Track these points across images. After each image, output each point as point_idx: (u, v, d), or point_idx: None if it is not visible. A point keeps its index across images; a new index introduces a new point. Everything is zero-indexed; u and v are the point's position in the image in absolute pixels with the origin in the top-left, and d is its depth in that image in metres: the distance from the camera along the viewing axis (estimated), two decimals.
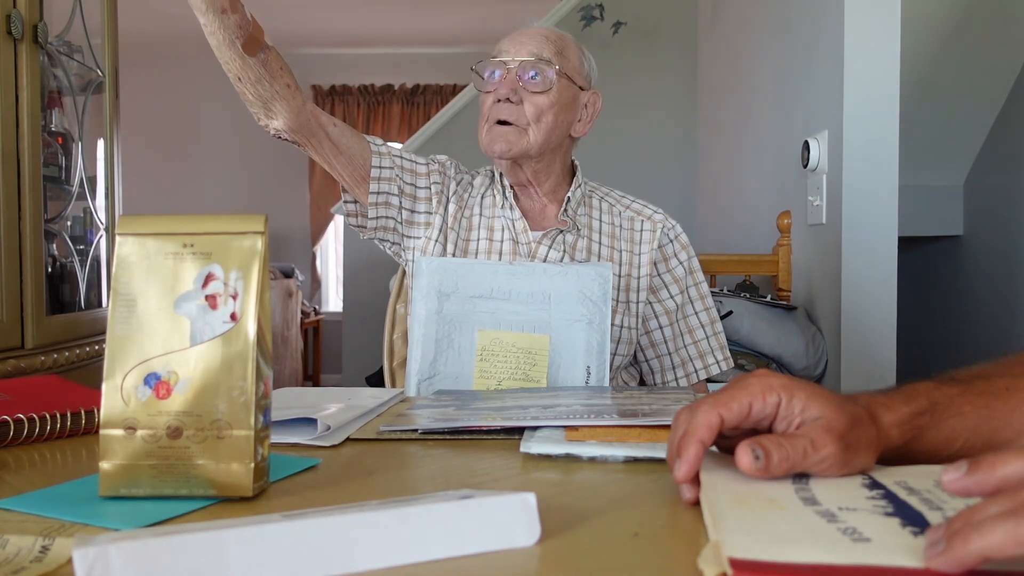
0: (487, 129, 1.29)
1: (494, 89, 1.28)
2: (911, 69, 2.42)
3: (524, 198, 1.36)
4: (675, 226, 1.38)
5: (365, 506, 0.46)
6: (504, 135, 1.27)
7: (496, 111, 1.28)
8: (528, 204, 1.36)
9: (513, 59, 1.28)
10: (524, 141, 1.28)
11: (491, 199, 1.36)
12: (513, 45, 1.30)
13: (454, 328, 1.16)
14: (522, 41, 1.30)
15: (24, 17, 1.71)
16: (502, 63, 1.29)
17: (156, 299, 0.57)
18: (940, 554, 0.37)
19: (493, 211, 1.35)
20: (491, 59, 1.30)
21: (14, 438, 0.75)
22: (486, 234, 1.33)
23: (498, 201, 1.35)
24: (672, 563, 0.44)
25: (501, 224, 1.34)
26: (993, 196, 2.85)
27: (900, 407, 0.57)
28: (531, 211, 1.36)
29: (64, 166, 2.03)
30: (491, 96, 1.29)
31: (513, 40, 1.31)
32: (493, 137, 1.28)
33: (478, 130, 1.32)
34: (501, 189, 1.34)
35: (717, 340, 1.38)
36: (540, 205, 1.36)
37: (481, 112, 1.31)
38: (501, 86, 1.27)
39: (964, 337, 3.03)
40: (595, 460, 0.67)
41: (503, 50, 1.30)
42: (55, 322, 1.86)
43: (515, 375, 1.14)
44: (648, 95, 3.67)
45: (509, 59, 1.28)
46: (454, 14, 5.36)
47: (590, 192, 1.39)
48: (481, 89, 1.31)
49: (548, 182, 1.35)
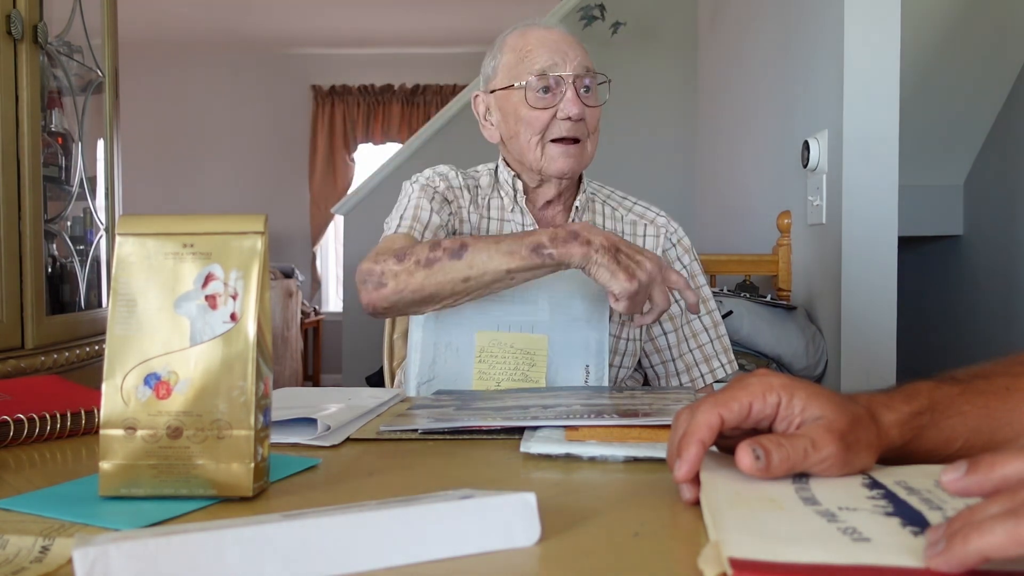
0: (544, 147, 1.22)
1: (553, 105, 1.21)
2: (911, 69, 2.42)
3: (539, 206, 1.31)
4: (677, 229, 1.36)
5: (365, 506, 0.46)
6: (573, 154, 1.22)
7: (560, 129, 1.21)
8: (540, 213, 1.31)
9: (568, 72, 1.21)
10: (585, 158, 1.25)
11: (498, 202, 1.31)
12: (558, 55, 1.22)
13: (452, 330, 1.16)
14: (564, 52, 1.22)
15: (24, 17, 1.71)
16: (559, 77, 1.21)
17: (156, 299, 0.57)
18: (940, 554, 0.37)
19: (501, 214, 1.30)
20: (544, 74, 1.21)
21: (14, 438, 0.75)
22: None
23: (506, 205, 1.30)
24: (672, 563, 0.44)
25: (511, 228, 1.29)
26: (993, 196, 2.85)
27: (900, 407, 0.57)
28: (542, 219, 1.32)
29: (64, 166, 2.03)
30: (546, 113, 1.21)
31: (554, 50, 1.23)
32: (556, 156, 1.22)
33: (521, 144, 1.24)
34: (512, 193, 1.29)
35: (721, 343, 1.35)
36: (553, 213, 1.32)
37: (530, 127, 1.22)
38: (572, 105, 1.19)
39: (964, 337, 3.03)
40: (595, 460, 0.67)
41: (553, 62, 1.21)
42: (55, 322, 1.86)
43: (514, 376, 1.14)
44: (648, 95, 3.67)
45: (566, 73, 1.21)
46: (454, 14, 5.36)
47: (592, 195, 1.36)
48: (535, 105, 1.21)
49: (570, 193, 1.32)
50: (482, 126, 1.33)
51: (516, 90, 1.23)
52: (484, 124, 1.32)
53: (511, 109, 1.24)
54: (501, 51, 1.28)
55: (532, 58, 1.22)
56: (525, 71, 1.22)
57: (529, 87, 1.21)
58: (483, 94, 1.32)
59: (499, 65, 1.28)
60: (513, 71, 1.24)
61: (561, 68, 1.21)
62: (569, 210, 1.32)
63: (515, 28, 1.30)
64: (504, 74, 1.26)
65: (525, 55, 1.23)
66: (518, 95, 1.23)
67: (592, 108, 1.23)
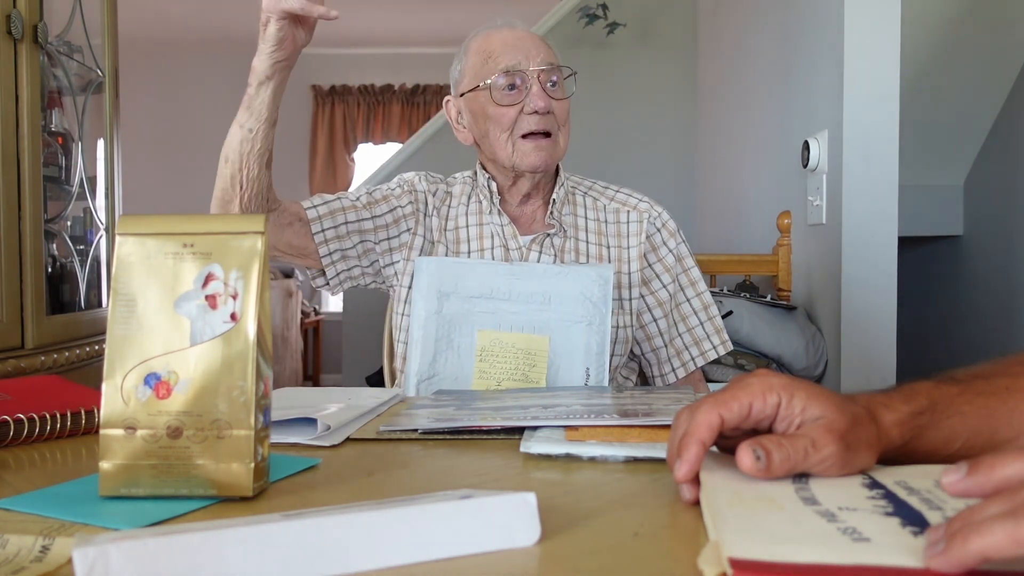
0: (515, 143, 1.25)
1: (520, 101, 1.24)
2: (911, 69, 2.42)
3: (516, 203, 1.33)
4: (661, 213, 1.36)
5: (365, 506, 0.46)
6: (545, 148, 1.25)
7: (529, 123, 1.24)
8: (519, 210, 1.33)
9: (532, 68, 1.24)
10: (557, 151, 1.27)
11: (476, 205, 1.33)
12: (520, 54, 1.25)
13: (454, 328, 1.16)
14: (527, 49, 1.25)
15: (24, 17, 1.71)
16: (523, 73, 1.24)
17: (156, 299, 0.57)
18: (940, 554, 0.37)
19: (480, 218, 1.32)
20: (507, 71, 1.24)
21: (14, 438, 0.75)
22: (476, 244, 1.31)
23: (485, 207, 1.32)
24: (672, 563, 0.44)
25: (490, 231, 1.31)
26: (993, 196, 2.85)
27: (900, 407, 0.57)
28: (521, 216, 1.33)
29: (64, 166, 2.03)
30: (513, 109, 1.24)
31: (517, 48, 1.26)
32: (529, 151, 1.25)
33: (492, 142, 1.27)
34: (488, 195, 1.31)
35: (712, 325, 1.35)
36: (532, 209, 1.33)
37: (499, 124, 1.25)
38: (538, 99, 1.22)
39: (964, 337, 3.03)
40: (595, 460, 0.67)
41: (516, 60, 1.24)
42: (55, 322, 1.86)
43: (514, 376, 1.14)
44: (648, 95, 3.67)
45: (530, 68, 1.24)
46: (454, 14, 5.36)
47: (572, 188, 1.37)
48: (500, 103, 1.24)
49: (547, 187, 1.34)
50: (455, 130, 1.36)
51: (483, 90, 1.26)
52: (456, 128, 1.36)
53: (479, 109, 1.28)
54: (466, 55, 1.32)
55: (496, 58, 1.26)
56: (490, 71, 1.25)
57: (495, 86, 1.25)
58: (453, 99, 1.35)
59: (465, 68, 1.31)
60: (479, 72, 1.28)
61: (525, 65, 1.25)
62: (548, 204, 1.33)
63: (478, 32, 1.33)
64: (470, 76, 1.30)
65: (489, 56, 1.27)
66: (484, 95, 1.26)
67: (559, 101, 1.26)
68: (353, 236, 1.29)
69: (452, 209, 1.34)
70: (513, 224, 1.31)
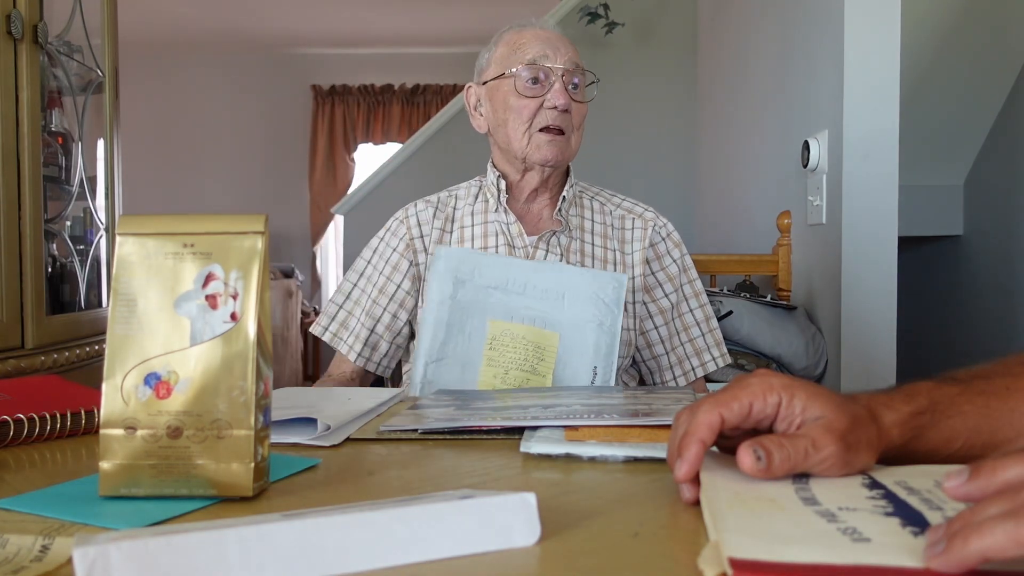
0: (531, 135, 1.27)
1: (541, 95, 1.26)
2: (911, 69, 2.42)
3: (524, 202, 1.34)
4: (666, 224, 1.38)
5: (365, 506, 0.46)
6: (558, 144, 1.27)
7: (547, 118, 1.26)
8: (525, 208, 1.34)
9: (558, 65, 1.26)
10: (569, 150, 1.29)
11: (483, 204, 1.34)
12: (550, 49, 1.27)
13: (466, 315, 1.16)
14: (556, 46, 1.27)
15: (24, 17, 1.71)
16: (549, 69, 1.26)
17: (156, 299, 0.57)
18: (940, 554, 0.37)
19: (486, 216, 1.33)
20: (534, 64, 1.26)
21: (14, 438, 0.75)
22: (480, 243, 1.31)
23: (491, 205, 1.33)
24: (672, 563, 0.44)
25: (495, 229, 1.32)
26: (993, 196, 2.85)
27: (900, 407, 0.57)
28: (527, 214, 1.34)
29: (64, 166, 2.03)
30: (534, 102, 1.26)
31: (546, 43, 1.28)
32: (542, 144, 1.27)
33: (508, 132, 1.28)
34: (496, 192, 1.32)
35: (713, 337, 1.37)
36: (539, 207, 1.35)
37: (519, 115, 1.27)
38: (559, 95, 1.25)
39: (964, 337, 3.03)
40: (595, 460, 0.67)
41: (543, 54, 1.26)
42: (55, 322, 1.86)
43: (522, 366, 1.14)
44: (648, 95, 3.67)
45: (556, 65, 1.26)
46: (454, 14, 5.35)
47: (581, 192, 1.38)
48: (523, 94, 1.26)
49: (556, 186, 1.35)
50: (472, 116, 1.38)
51: (506, 79, 1.28)
52: (473, 115, 1.38)
53: (500, 98, 1.30)
54: (496, 44, 1.34)
55: (524, 49, 1.28)
56: (516, 61, 1.28)
57: (519, 76, 1.27)
58: (475, 86, 1.37)
59: (492, 57, 1.34)
60: (505, 62, 1.30)
61: (551, 60, 1.27)
62: (556, 201, 1.34)
63: (512, 26, 1.35)
64: (496, 65, 1.32)
65: (518, 47, 1.29)
66: (508, 84, 1.28)
67: (578, 103, 1.29)
68: (387, 337, 1.34)
69: (458, 211, 1.35)
70: (519, 223, 1.32)
